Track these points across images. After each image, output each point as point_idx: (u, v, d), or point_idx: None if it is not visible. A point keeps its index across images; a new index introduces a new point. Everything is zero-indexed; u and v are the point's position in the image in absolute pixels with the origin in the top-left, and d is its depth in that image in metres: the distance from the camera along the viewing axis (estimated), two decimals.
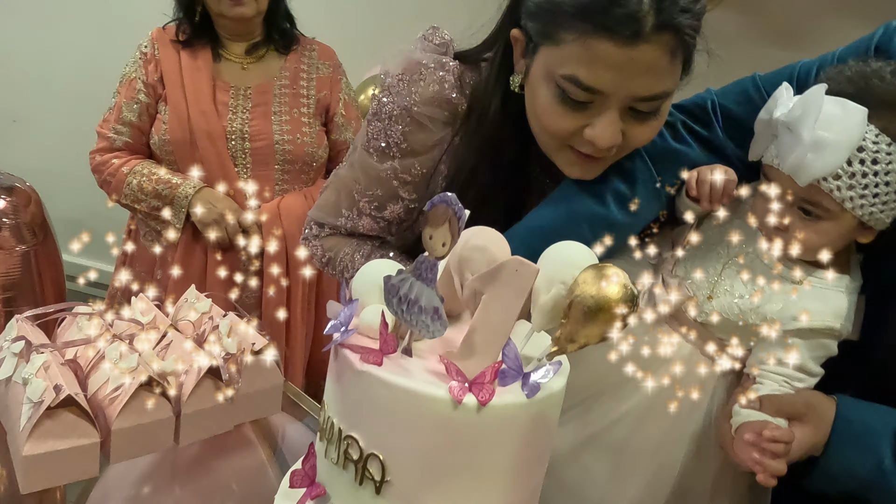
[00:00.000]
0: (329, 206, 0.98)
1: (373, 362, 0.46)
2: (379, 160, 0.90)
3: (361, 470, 0.46)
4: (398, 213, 0.92)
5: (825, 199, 0.70)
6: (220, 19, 1.49)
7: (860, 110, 0.67)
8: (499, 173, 0.85)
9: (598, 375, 0.76)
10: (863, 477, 0.66)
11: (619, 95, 0.72)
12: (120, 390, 0.84)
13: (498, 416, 0.44)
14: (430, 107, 0.86)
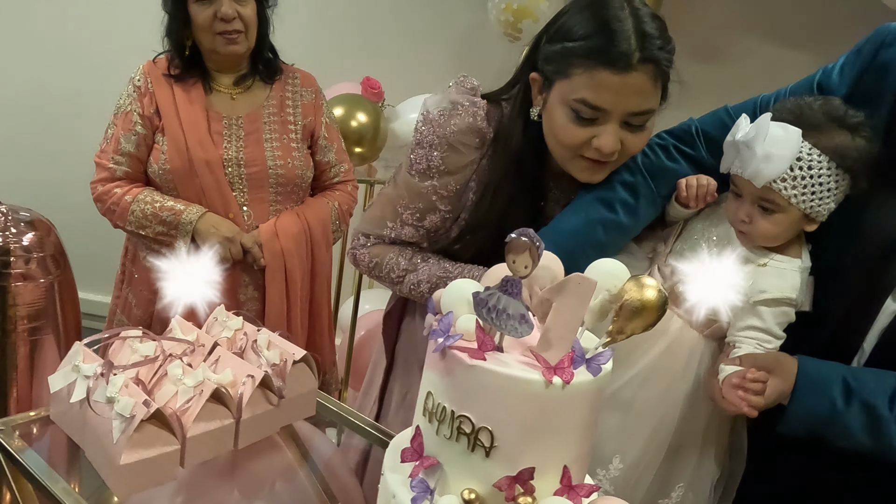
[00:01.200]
0: (375, 220, 1.18)
1: (480, 358, 0.61)
2: (420, 180, 1.12)
3: (473, 440, 0.61)
4: (436, 222, 1.14)
5: (777, 197, 0.94)
6: (212, 55, 1.58)
7: (796, 131, 0.91)
8: (520, 185, 1.09)
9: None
10: (820, 416, 0.87)
11: (617, 112, 0.98)
12: (191, 402, 0.95)
13: (575, 391, 0.60)
14: (464, 135, 1.10)
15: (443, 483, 0.64)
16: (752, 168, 0.92)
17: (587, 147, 1.01)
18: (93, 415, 0.93)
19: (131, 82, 1.61)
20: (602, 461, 1.01)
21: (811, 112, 0.93)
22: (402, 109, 2.48)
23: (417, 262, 1.15)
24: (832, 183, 0.93)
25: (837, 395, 0.88)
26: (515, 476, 0.61)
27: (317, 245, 1.66)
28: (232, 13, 1.51)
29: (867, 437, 0.90)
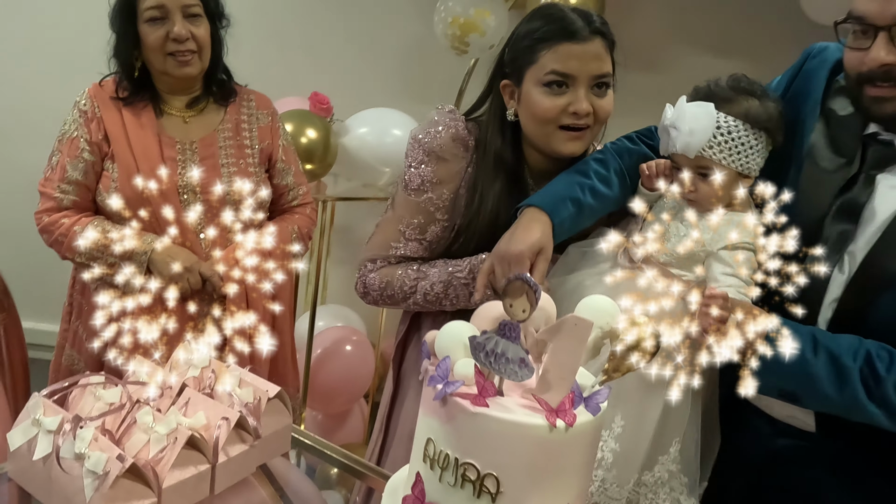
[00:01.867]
0: (379, 245, 1.29)
1: (482, 405, 0.61)
2: (417, 196, 1.25)
3: (479, 486, 0.61)
4: (437, 233, 1.25)
5: (709, 163, 1.08)
6: (163, 76, 1.52)
7: (709, 105, 1.07)
8: (505, 183, 1.21)
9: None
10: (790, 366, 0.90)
11: (583, 77, 1.15)
12: (165, 451, 0.92)
13: (578, 432, 0.61)
14: (450, 146, 1.25)
15: None
16: (682, 143, 1.07)
17: (565, 115, 1.16)
18: (59, 472, 0.88)
19: (76, 107, 1.53)
20: (605, 422, 1.06)
21: (719, 88, 1.09)
22: (352, 124, 2.45)
23: (424, 270, 1.25)
24: (752, 141, 1.07)
25: (806, 346, 0.95)
26: None
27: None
28: (185, 33, 1.46)
29: (833, 389, 0.95)
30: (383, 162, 2.43)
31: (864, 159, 1.04)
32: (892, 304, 0.96)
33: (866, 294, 0.98)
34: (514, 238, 1.09)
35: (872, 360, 0.95)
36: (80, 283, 1.62)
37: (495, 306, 0.72)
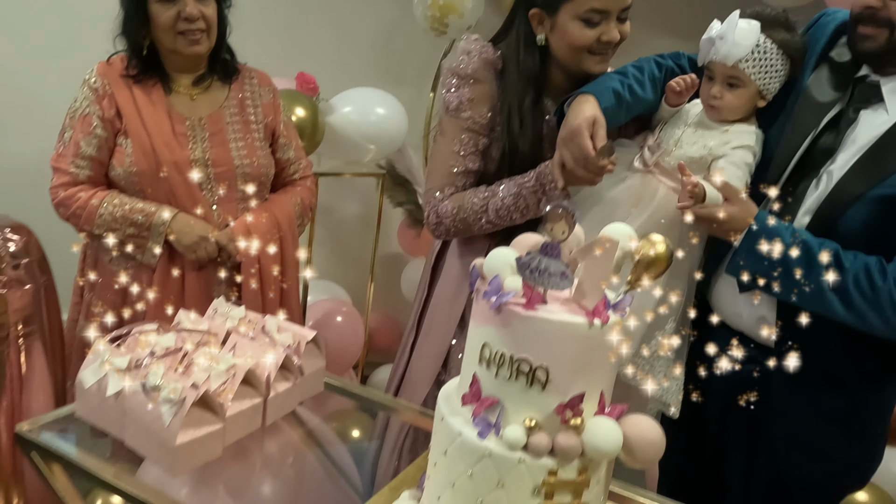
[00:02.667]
0: (440, 174, 1.43)
1: (532, 310, 0.74)
2: (456, 115, 1.40)
3: (532, 377, 0.74)
4: (487, 144, 1.41)
5: (741, 74, 1.25)
6: (172, 55, 1.59)
7: (757, 24, 1.24)
8: (531, 100, 1.38)
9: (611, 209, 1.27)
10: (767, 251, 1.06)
11: (614, 10, 1.33)
12: (225, 385, 1.02)
13: (610, 328, 0.75)
14: (481, 69, 1.40)
15: (503, 417, 0.77)
16: (725, 51, 1.25)
17: (596, 44, 1.34)
18: (133, 404, 0.98)
19: (86, 84, 1.59)
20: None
21: (766, 14, 1.27)
22: (336, 103, 2.54)
23: (493, 188, 1.38)
24: (779, 65, 1.25)
25: (784, 232, 1.16)
26: (567, 403, 0.75)
27: (285, 240, 1.71)
28: (196, 13, 1.53)
29: (802, 268, 1.11)
30: (369, 139, 2.53)
31: (853, 98, 1.22)
32: (858, 216, 1.14)
33: (838, 208, 1.16)
34: (568, 119, 1.26)
35: (840, 255, 1.12)
36: (92, 258, 1.68)
37: (531, 237, 0.85)
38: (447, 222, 1.41)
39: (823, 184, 1.20)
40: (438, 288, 1.52)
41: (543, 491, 0.75)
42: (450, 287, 1.51)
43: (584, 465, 0.76)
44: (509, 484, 0.75)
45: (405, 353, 1.59)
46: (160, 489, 0.94)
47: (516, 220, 1.37)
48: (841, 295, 1.12)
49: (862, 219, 1.15)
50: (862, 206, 1.15)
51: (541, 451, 0.75)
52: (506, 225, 1.38)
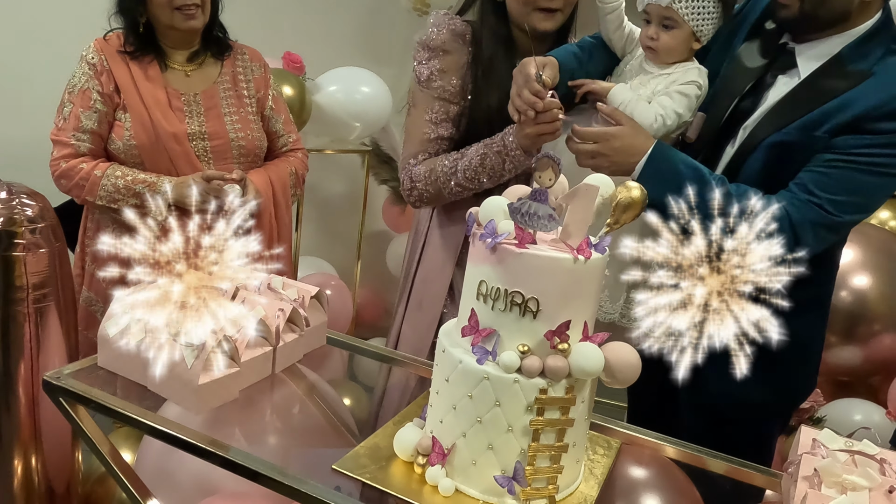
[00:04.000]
0: (414, 141, 1.49)
1: (524, 248, 0.84)
2: (427, 85, 1.47)
3: (524, 307, 0.84)
4: (457, 111, 1.48)
5: (674, 14, 1.33)
6: (168, 31, 1.65)
7: None
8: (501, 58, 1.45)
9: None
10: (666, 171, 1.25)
11: None
12: (240, 333, 1.11)
13: (593, 264, 0.85)
14: (449, 39, 1.47)
15: (499, 345, 0.87)
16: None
17: (541, 0, 1.41)
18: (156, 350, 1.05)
19: (84, 60, 1.64)
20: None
21: None
22: (322, 82, 2.60)
23: (463, 151, 1.46)
24: (711, 8, 1.33)
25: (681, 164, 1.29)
26: (556, 330, 0.85)
27: (279, 205, 1.78)
28: None
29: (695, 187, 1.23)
30: (354, 117, 2.61)
31: (774, 64, 1.34)
32: (755, 164, 1.29)
33: (742, 158, 1.30)
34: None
35: (726, 184, 1.27)
36: (93, 229, 1.74)
37: (521, 188, 0.94)
38: (420, 186, 1.48)
39: (738, 141, 1.33)
40: (425, 261, 1.59)
41: (535, 408, 0.85)
42: (436, 259, 1.58)
43: (570, 384, 0.85)
44: (505, 402, 0.85)
45: (397, 325, 1.65)
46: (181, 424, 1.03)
47: (484, 182, 1.43)
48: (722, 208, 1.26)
49: (758, 166, 1.28)
50: (759, 153, 1.28)
51: (533, 372, 0.84)
52: (474, 188, 1.45)
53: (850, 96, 1.24)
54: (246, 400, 1.12)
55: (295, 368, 1.29)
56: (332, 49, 2.79)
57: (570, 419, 0.87)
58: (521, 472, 0.86)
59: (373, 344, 1.41)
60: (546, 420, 0.85)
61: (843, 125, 1.23)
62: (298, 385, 1.31)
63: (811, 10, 1.26)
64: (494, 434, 0.86)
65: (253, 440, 1.13)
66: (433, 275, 1.59)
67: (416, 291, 1.60)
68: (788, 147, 1.27)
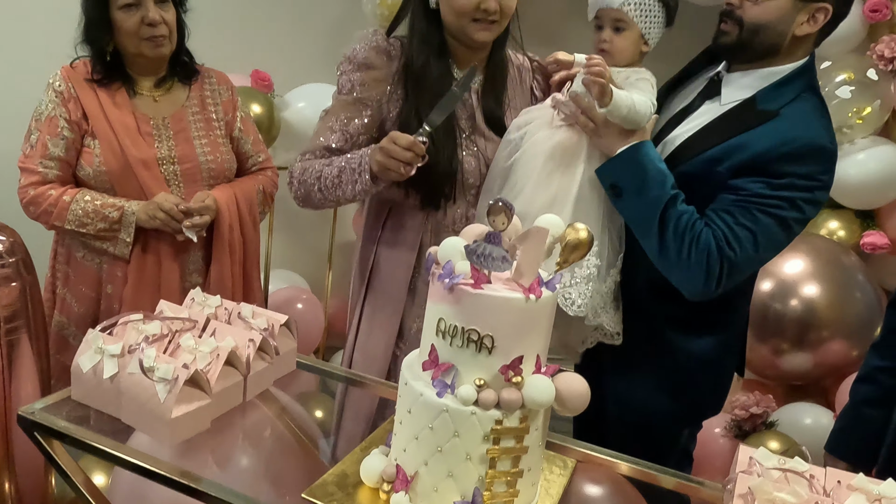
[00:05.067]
0: (310, 142, 1.50)
1: (480, 289, 0.90)
2: (347, 95, 1.49)
3: (480, 344, 0.90)
4: (359, 127, 1.48)
5: (625, 17, 1.40)
6: (135, 58, 1.67)
7: None
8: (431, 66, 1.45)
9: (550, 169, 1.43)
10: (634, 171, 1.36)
11: None
12: (210, 366, 1.15)
13: (544, 302, 0.91)
14: (373, 55, 1.49)
15: (457, 379, 0.92)
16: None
17: (477, 11, 1.42)
18: (129, 384, 1.10)
19: (50, 87, 1.65)
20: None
21: None
22: (291, 99, 2.63)
23: (333, 158, 1.47)
24: (657, 11, 1.42)
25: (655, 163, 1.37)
26: (510, 364, 0.91)
27: (244, 222, 1.79)
28: (158, 18, 1.61)
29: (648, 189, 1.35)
30: None
31: (703, 92, 1.47)
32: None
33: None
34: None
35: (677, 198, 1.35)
36: (64, 255, 1.75)
37: (477, 227, 1.00)
38: (295, 183, 1.51)
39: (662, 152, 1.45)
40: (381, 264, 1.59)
41: (492, 437, 0.91)
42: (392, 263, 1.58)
43: (524, 414, 0.91)
44: (463, 433, 0.91)
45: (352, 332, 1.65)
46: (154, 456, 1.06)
47: (339, 197, 1.45)
48: (662, 225, 1.34)
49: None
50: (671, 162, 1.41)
51: (489, 404, 0.90)
52: (332, 200, 1.47)
53: (750, 136, 1.31)
54: (217, 429, 1.16)
55: (266, 391, 1.33)
56: (299, 66, 2.82)
57: (524, 447, 0.93)
58: (479, 498, 0.92)
59: (340, 368, 1.46)
60: (502, 448, 0.91)
61: (741, 165, 1.31)
62: (269, 409, 1.35)
63: (748, 38, 1.36)
64: (454, 462, 0.92)
65: (224, 468, 1.18)
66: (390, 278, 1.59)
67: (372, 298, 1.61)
68: (693, 178, 1.37)
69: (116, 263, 1.69)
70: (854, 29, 2.38)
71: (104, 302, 1.70)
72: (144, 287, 1.66)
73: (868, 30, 2.42)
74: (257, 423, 1.32)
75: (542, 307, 0.92)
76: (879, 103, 2.36)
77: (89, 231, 1.64)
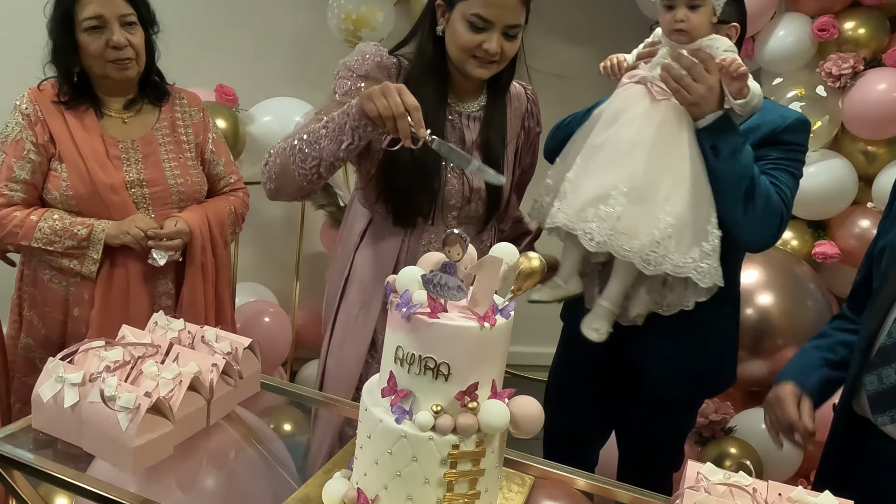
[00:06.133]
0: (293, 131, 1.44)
1: (436, 317, 0.92)
2: (342, 97, 1.46)
3: (436, 371, 0.93)
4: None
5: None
6: (103, 81, 1.66)
7: None
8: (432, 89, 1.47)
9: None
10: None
11: (500, 24, 1.42)
12: (173, 392, 1.16)
13: (498, 330, 0.94)
14: (375, 69, 1.49)
15: (415, 405, 0.95)
16: None
17: (478, 49, 1.43)
18: (90, 413, 1.10)
19: (17, 110, 1.63)
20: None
21: None
22: (256, 113, 2.63)
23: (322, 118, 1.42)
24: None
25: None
26: (466, 390, 0.94)
27: (215, 243, 1.79)
28: (123, 41, 1.60)
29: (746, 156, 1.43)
30: None
31: None
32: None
33: None
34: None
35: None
36: (30, 276, 1.73)
37: (435, 255, 1.03)
38: (270, 162, 1.45)
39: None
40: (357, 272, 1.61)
41: (449, 461, 0.94)
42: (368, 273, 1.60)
43: (480, 438, 0.95)
44: (421, 458, 0.93)
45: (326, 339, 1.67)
46: (117, 486, 1.07)
47: (322, 151, 1.38)
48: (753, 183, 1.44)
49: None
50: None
51: (445, 430, 0.93)
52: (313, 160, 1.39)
53: (755, 120, 1.53)
54: (181, 454, 1.17)
55: (233, 413, 1.34)
56: (264, 80, 2.83)
57: (480, 469, 0.96)
58: None
59: (305, 388, 1.47)
60: (459, 472, 0.94)
61: (760, 139, 1.52)
62: (235, 430, 1.36)
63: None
64: (413, 486, 0.95)
65: (188, 493, 1.19)
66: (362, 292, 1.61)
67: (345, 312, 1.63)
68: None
69: (84, 285, 1.67)
70: (804, 47, 2.48)
71: (71, 325, 1.68)
72: (112, 310, 1.65)
73: (817, 48, 2.51)
74: (222, 445, 1.33)
75: (497, 334, 0.95)
76: (828, 118, 2.45)
77: (57, 249, 1.62)
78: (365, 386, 1.04)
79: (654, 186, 1.42)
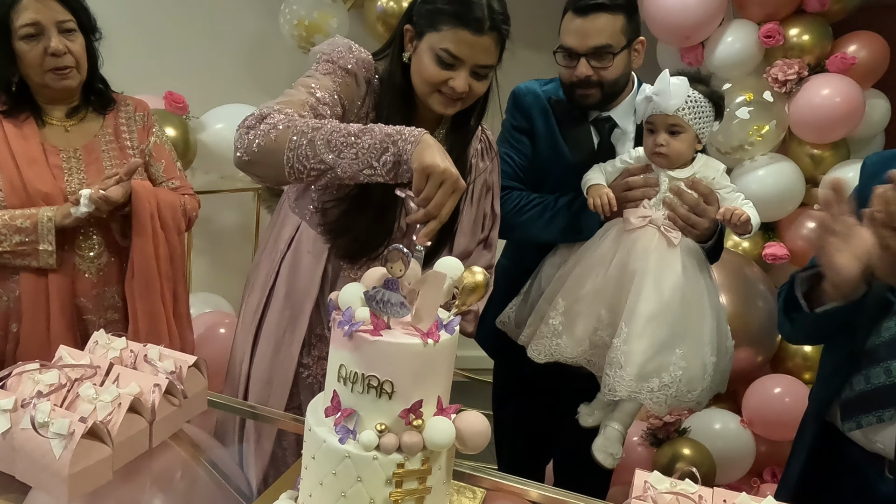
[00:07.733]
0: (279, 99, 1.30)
1: (378, 335, 0.91)
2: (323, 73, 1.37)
3: (380, 389, 0.91)
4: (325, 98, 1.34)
5: (680, 121, 1.49)
6: (43, 89, 1.60)
7: (685, 79, 1.50)
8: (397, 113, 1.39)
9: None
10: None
11: (469, 62, 1.34)
12: (112, 415, 1.12)
13: (443, 346, 0.93)
14: (356, 65, 1.41)
15: (360, 424, 0.94)
16: (664, 104, 1.47)
17: (444, 86, 1.36)
18: (22, 441, 1.06)
19: None
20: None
21: (688, 72, 1.54)
22: (207, 120, 2.58)
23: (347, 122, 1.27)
24: (708, 111, 1.50)
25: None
26: (410, 408, 0.93)
27: (165, 223, 1.69)
28: (62, 48, 1.54)
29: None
30: None
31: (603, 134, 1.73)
32: None
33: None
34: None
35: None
36: None
37: (378, 270, 1.02)
38: (262, 129, 1.22)
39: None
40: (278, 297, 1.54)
41: (394, 481, 0.92)
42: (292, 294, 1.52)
43: (426, 456, 0.94)
44: (366, 478, 0.92)
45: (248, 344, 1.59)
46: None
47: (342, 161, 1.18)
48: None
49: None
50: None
51: (390, 449, 0.92)
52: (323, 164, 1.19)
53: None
54: (123, 478, 1.13)
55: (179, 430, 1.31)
56: (215, 86, 2.78)
57: (427, 487, 0.95)
58: None
59: (257, 406, 1.44)
60: (405, 491, 0.93)
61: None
62: (182, 449, 1.33)
63: (609, 91, 1.66)
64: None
65: None
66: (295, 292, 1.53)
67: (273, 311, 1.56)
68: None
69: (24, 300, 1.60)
70: (751, 53, 2.53)
71: (10, 342, 1.62)
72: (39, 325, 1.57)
73: (764, 54, 2.57)
74: (167, 466, 1.29)
75: (441, 350, 0.94)
76: (776, 122, 2.51)
77: (5, 248, 1.53)
78: (310, 405, 1.02)
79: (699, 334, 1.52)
